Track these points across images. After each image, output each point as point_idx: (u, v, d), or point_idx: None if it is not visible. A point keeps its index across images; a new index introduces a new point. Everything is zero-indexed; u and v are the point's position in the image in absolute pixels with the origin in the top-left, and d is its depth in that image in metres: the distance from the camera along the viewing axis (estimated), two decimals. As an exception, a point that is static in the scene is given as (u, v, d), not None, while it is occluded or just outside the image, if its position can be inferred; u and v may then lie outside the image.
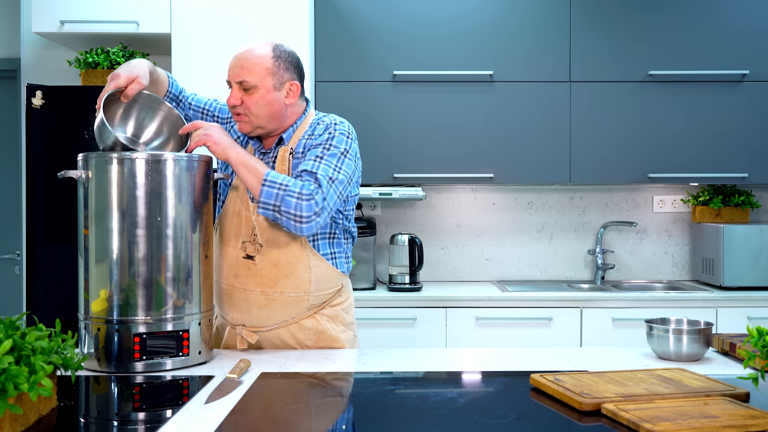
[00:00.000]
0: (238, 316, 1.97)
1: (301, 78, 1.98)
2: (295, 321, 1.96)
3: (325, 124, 1.94)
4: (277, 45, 1.93)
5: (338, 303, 2.03)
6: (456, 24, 3.48)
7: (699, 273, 3.68)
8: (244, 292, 1.94)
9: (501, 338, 3.21)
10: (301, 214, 1.78)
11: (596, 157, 3.49)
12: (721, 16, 3.48)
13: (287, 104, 1.93)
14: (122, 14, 3.25)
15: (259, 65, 1.88)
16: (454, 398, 1.54)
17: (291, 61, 1.93)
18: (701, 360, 1.86)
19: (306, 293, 1.93)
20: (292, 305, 1.94)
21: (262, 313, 1.94)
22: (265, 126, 1.93)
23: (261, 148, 2.00)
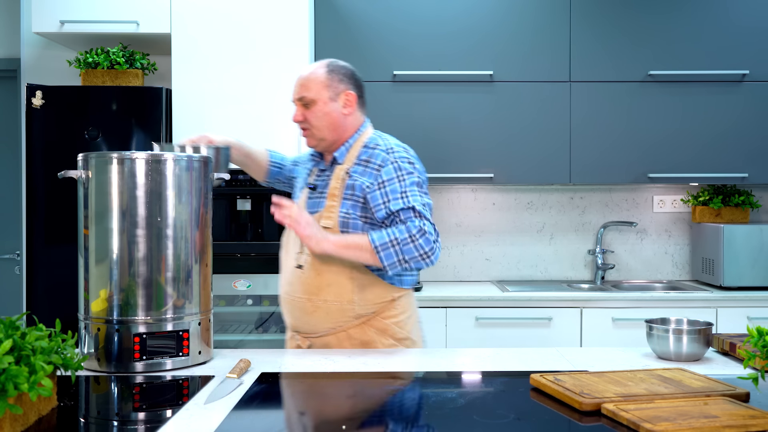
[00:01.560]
0: (293, 323, 2.06)
1: (358, 88, 2.07)
2: (342, 329, 2.00)
3: (383, 152, 1.98)
4: (332, 61, 2.06)
5: (391, 316, 2.02)
6: (456, 24, 3.48)
7: (699, 273, 3.68)
8: (294, 299, 2.02)
9: (501, 338, 3.21)
10: (424, 251, 1.87)
11: (596, 157, 3.49)
12: (722, 16, 3.48)
13: (345, 114, 2.03)
14: (122, 14, 3.25)
15: (315, 81, 2.01)
16: (454, 398, 1.54)
17: (345, 73, 2.05)
18: (701, 360, 1.86)
19: (350, 302, 1.97)
20: (337, 313, 1.98)
21: (310, 320, 2.00)
22: (327, 137, 2.02)
23: (322, 165, 2.09)
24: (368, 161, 1.99)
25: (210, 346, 1.87)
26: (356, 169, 1.99)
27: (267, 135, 3.22)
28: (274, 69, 3.22)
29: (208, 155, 1.91)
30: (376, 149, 2.00)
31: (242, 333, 3.31)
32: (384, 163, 1.96)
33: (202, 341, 1.82)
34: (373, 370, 1.78)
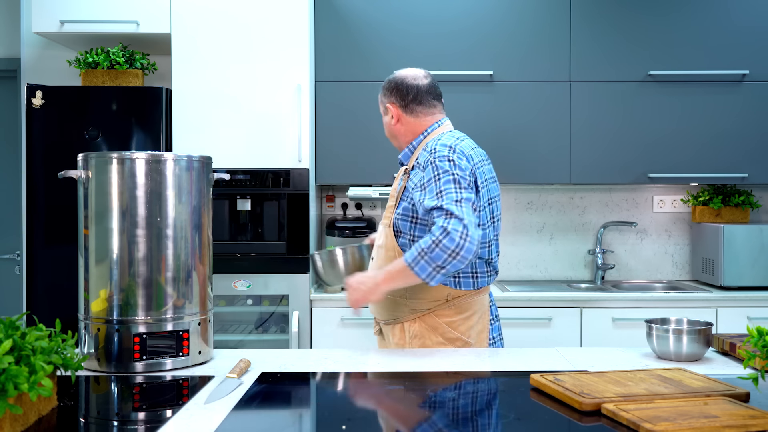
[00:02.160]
0: (372, 309, 2.22)
1: (400, 97, 2.19)
2: (400, 321, 2.12)
3: (427, 153, 2.05)
4: (388, 77, 2.24)
5: (444, 315, 2.07)
6: (456, 23, 3.48)
7: (699, 273, 3.68)
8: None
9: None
10: (451, 251, 1.84)
11: (596, 157, 3.49)
12: (722, 16, 3.48)
13: (393, 124, 2.21)
14: (122, 14, 3.25)
15: (379, 98, 2.27)
16: (454, 398, 1.54)
17: (388, 87, 2.22)
18: (701, 360, 1.86)
19: (402, 297, 2.08)
20: (392, 306, 2.11)
21: (375, 308, 2.18)
22: (397, 146, 2.25)
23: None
24: (419, 163, 2.08)
25: (210, 346, 1.87)
26: (414, 172, 2.10)
27: (267, 135, 3.22)
28: (274, 69, 3.22)
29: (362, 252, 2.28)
30: (424, 151, 2.08)
31: (242, 333, 3.31)
32: (426, 164, 2.03)
33: (202, 341, 1.82)
34: (372, 370, 1.78)
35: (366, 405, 1.56)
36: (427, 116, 2.20)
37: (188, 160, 1.82)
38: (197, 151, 2.77)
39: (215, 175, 1.92)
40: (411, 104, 2.18)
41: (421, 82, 2.19)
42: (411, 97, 2.18)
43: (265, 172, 3.24)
